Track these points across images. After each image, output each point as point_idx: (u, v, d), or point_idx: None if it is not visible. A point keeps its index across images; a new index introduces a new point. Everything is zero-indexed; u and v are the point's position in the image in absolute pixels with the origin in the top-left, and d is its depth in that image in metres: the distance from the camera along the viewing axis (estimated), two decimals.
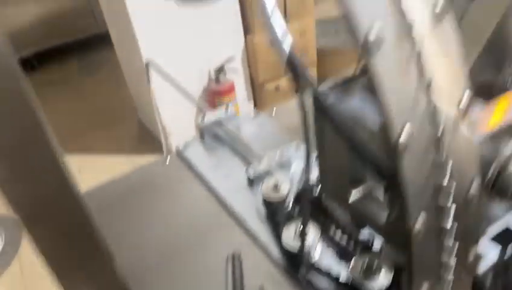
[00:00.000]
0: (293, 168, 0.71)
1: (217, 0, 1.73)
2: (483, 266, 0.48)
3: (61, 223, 0.34)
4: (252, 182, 0.71)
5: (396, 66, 0.30)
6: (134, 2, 1.59)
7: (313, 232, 0.59)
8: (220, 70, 1.81)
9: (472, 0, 0.39)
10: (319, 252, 0.58)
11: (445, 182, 0.32)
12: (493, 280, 0.49)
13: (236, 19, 1.84)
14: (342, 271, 0.55)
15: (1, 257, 1.66)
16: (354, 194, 0.44)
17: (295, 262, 0.58)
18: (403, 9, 0.29)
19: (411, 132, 0.30)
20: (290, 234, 0.60)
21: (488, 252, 0.50)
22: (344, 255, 0.57)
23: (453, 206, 0.33)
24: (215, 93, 1.88)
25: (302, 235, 0.56)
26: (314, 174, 0.58)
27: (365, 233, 0.57)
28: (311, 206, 0.59)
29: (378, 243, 0.56)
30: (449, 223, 0.33)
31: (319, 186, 0.59)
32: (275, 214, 0.64)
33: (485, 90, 0.48)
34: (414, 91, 0.30)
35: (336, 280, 0.55)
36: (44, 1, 2.72)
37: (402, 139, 0.30)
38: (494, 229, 0.51)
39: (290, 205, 0.64)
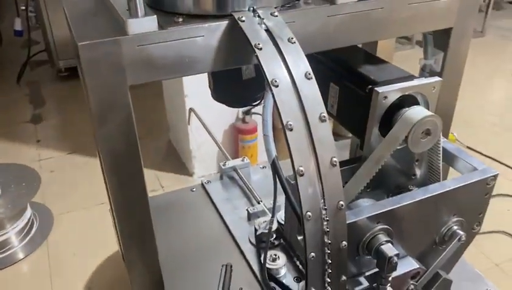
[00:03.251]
0: (280, 212, 1.06)
1: None
2: None
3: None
4: (250, 217, 1.07)
5: None
6: None
7: (282, 258, 0.93)
8: (247, 112, 2.19)
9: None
10: (285, 270, 0.93)
11: None
12: None
13: None
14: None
15: (32, 239, 2.04)
16: None
17: (269, 276, 0.92)
18: None
19: None
20: (268, 257, 0.94)
21: None
22: (300, 273, 0.92)
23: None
24: (240, 131, 2.25)
25: (275, 259, 0.91)
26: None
27: None
28: (283, 240, 0.94)
29: None
30: None
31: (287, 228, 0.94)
32: (261, 242, 0.99)
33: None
34: None
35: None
36: None
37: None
38: None
39: (272, 237, 0.99)
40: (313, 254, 0.63)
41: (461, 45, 0.86)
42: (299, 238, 0.75)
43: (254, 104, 0.86)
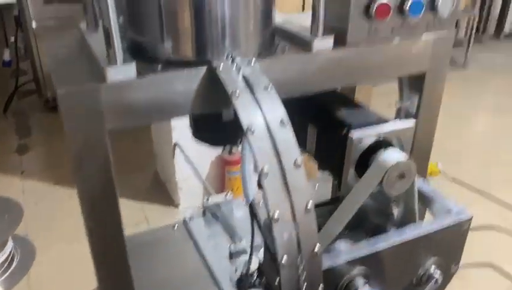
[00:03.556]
0: (261, 251, 1.05)
1: None
2: None
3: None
4: (231, 255, 1.06)
5: None
6: None
7: None
8: None
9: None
10: None
11: None
12: None
13: None
14: None
15: (13, 273, 2.00)
16: None
17: None
18: None
19: None
20: None
21: None
22: None
23: None
24: (226, 163, 2.26)
25: None
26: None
27: None
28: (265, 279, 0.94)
29: None
30: None
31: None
32: (241, 282, 0.99)
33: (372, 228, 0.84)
34: None
35: None
36: None
37: None
38: None
39: (254, 277, 0.99)
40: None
41: (436, 88, 0.89)
42: (277, 281, 0.75)
43: (234, 143, 0.87)
